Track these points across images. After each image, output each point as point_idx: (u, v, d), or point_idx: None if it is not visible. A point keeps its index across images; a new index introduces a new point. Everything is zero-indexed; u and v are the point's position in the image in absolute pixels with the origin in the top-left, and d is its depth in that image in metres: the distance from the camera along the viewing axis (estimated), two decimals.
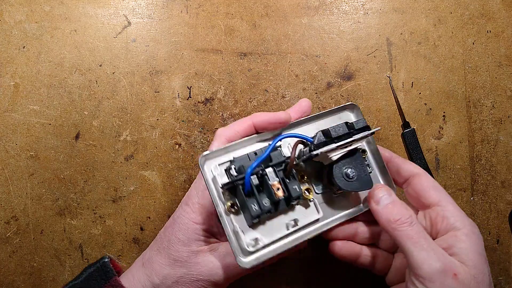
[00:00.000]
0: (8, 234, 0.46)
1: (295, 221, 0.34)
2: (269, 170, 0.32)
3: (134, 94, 0.46)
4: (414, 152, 0.44)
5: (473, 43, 0.46)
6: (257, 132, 0.37)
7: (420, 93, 0.45)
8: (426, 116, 0.45)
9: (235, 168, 0.33)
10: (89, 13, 0.47)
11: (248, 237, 0.33)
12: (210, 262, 0.34)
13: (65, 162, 0.46)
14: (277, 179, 0.32)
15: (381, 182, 0.39)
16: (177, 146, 0.46)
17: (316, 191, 0.37)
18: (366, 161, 0.39)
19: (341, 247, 0.39)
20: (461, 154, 0.45)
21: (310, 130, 0.37)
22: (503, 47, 0.45)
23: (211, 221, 0.36)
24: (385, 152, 0.39)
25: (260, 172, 0.32)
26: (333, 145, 0.33)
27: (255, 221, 0.33)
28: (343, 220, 0.37)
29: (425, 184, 0.35)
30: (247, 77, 0.46)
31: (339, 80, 0.46)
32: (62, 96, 0.46)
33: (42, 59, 0.47)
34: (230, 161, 0.34)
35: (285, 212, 0.35)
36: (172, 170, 0.46)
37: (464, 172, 0.45)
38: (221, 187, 0.33)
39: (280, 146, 0.34)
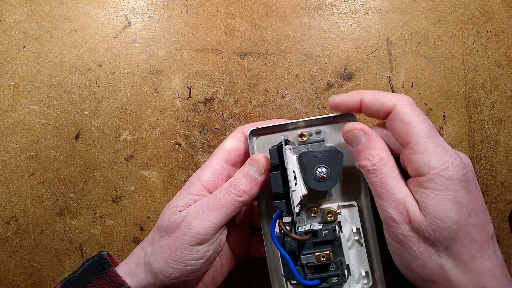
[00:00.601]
0: (8, 234, 0.46)
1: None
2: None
3: (134, 94, 0.46)
4: None
5: (473, 43, 0.46)
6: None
7: (420, 93, 0.45)
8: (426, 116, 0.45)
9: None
10: (89, 13, 0.47)
11: None
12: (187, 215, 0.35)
13: (65, 162, 0.46)
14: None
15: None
16: (177, 146, 0.46)
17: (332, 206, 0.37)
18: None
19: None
20: None
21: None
22: (503, 47, 0.45)
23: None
24: (354, 96, 0.35)
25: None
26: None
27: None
28: None
29: (395, 122, 0.32)
30: (247, 77, 0.46)
31: (339, 80, 0.46)
32: (62, 96, 0.46)
33: (42, 59, 0.47)
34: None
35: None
36: (172, 170, 0.46)
37: None
38: None
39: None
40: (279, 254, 0.35)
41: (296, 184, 0.34)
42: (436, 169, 0.31)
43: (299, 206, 0.35)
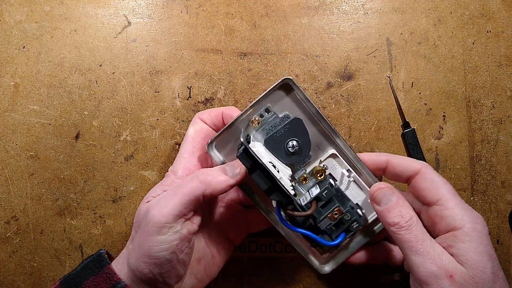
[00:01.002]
0: (8, 234, 0.46)
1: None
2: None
3: (134, 94, 0.46)
4: (414, 152, 0.44)
5: (473, 43, 0.46)
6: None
7: (420, 93, 0.45)
8: (426, 116, 0.45)
9: None
10: (89, 13, 0.47)
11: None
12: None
13: (65, 162, 0.46)
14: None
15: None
16: (177, 146, 0.46)
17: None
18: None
19: (354, 256, 0.40)
20: (461, 154, 0.45)
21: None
22: (503, 47, 0.45)
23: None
24: (381, 157, 0.38)
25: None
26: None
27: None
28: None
29: (424, 182, 0.35)
30: (247, 77, 0.46)
31: (339, 80, 0.46)
32: (62, 96, 0.46)
33: (42, 59, 0.47)
34: None
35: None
36: None
37: (464, 172, 0.45)
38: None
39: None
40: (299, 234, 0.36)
41: (278, 171, 0.34)
42: (469, 223, 0.33)
43: (291, 185, 0.35)
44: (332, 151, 0.38)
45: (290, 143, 0.36)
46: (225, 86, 0.46)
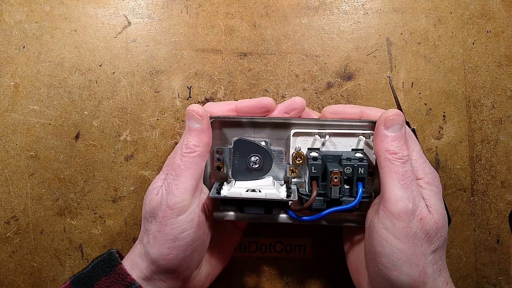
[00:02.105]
0: (8, 234, 0.46)
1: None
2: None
3: (134, 94, 0.46)
4: None
5: (473, 43, 0.46)
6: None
7: (420, 93, 0.45)
8: (426, 116, 0.45)
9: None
10: (89, 13, 0.47)
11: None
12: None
13: (65, 162, 0.46)
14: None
15: None
16: None
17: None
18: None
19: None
20: (461, 154, 0.45)
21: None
22: (503, 47, 0.45)
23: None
24: (355, 109, 0.38)
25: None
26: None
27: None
28: None
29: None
30: (247, 77, 0.46)
31: (339, 80, 0.46)
32: (62, 96, 0.46)
33: (42, 59, 0.47)
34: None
35: None
36: None
37: (464, 172, 0.45)
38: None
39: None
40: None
41: (260, 190, 0.36)
42: (430, 174, 0.35)
43: (288, 190, 0.37)
44: (292, 131, 0.38)
45: (251, 163, 0.37)
46: (225, 86, 0.46)
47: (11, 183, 0.46)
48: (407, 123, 0.45)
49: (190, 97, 0.46)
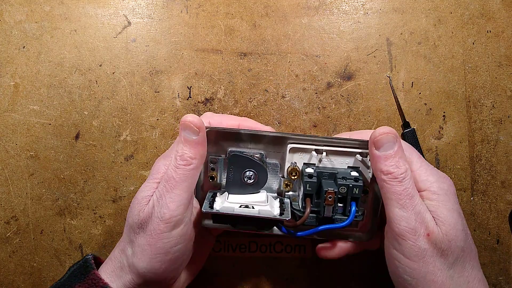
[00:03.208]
0: (8, 234, 0.46)
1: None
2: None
3: (134, 94, 0.46)
4: None
5: (473, 43, 0.46)
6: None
7: (420, 93, 0.45)
8: (426, 116, 0.45)
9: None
10: (89, 13, 0.47)
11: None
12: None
13: (65, 162, 0.46)
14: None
15: None
16: None
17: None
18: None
19: (326, 251, 0.39)
20: (461, 154, 0.45)
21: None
22: (503, 47, 0.45)
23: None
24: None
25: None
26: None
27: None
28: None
29: None
30: (247, 77, 0.46)
31: (339, 80, 0.46)
32: (62, 96, 0.46)
33: (42, 59, 0.47)
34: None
35: None
36: None
37: (464, 172, 0.45)
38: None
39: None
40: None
41: (253, 206, 0.35)
42: (435, 183, 0.33)
43: (281, 205, 0.36)
44: (289, 147, 0.38)
45: (246, 178, 0.37)
46: (225, 86, 0.46)
47: (11, 183, 0.46)
48: (407, 123, 0.45)
49: (190, 97, 0.46)
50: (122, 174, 0.46)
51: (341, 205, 0.36)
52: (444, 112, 0.45)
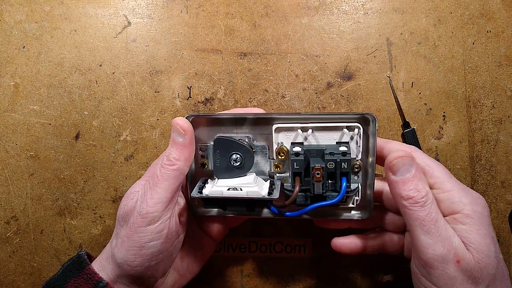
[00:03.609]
0: (8, 234, 0.46)
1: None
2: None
3: (134, 94, 0.46)
4: None
5: (473, 43, 0.46)
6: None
7: (420, 93, 0.45)
8: (426, 116, 0.45)
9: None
10: (89, 13, 0.47)
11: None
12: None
13: (65, 162, 0.46)
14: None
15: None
16: None
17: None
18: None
19: (341, 244, 0.39)
20: (461, 154, 0.45)
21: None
22: (503, 47, 0.45)
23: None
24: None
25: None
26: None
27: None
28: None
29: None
30: (247, 77, 0.46)
31: (339, 80, 0.46)
32: (62, 96, 0.46)
33: (42, 59, 0.47)
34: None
35: None
36: None
37: (464, 172, 0.45)
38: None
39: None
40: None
41: (241, 188, 0.35)
42: (469, 205, 0.31)
43: (271, 186, 0.36)
44: (274, 127, 0.37)
45: (232, 161, 0.37)
46: (225, 86, 0.46)
47: (11, 183, 0.46)
48: (407, 123, 0.45)
49: (190, 97, 0.46)
50: (122, 174, 0.46)
51: (331, 181, 0.35)
52: (444, 112, 0.45)
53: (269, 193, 0.35)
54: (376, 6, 0.46)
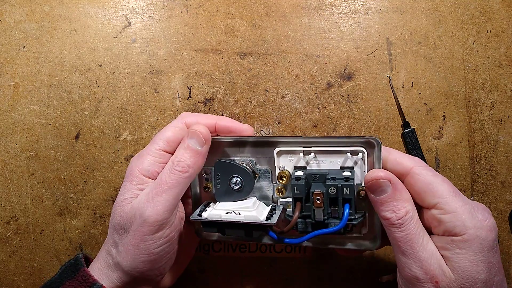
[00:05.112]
0: (8, 234, 0.46)
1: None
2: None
3: (134, 94, 0.46)
4: (414, 152, 0.44)
5: (473, 43, 0.46)
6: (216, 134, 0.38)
7: (420, 93, 0.45)
8: (426, 116, 0.45)
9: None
10: (89, 13, 0.47)
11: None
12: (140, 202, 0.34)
13: (65, 162, 0.46)
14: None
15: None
16: None
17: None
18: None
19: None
20: (461, 154, 0.45)
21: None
22: (503, 47, 0.45)
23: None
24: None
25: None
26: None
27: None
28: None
29: (417, 183, 0.32)
30: (247, 77, 0.46)
31: (339, 80, 0.46)
32: (62, 96, 0.46)
33: (42, 59, 0.47)
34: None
35: None
36: None
37: (464, 172, 0.45)
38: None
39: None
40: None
41: (239, 213, 0.35)
42: (472, 229, 0.30)
43: (271, 211, 0.35)
44: (275, 150, 0.36)
45: (232, 184, 0.37)
46: (225, 86, 0.46)
47: (11, 183, 0.46)
48: (407, 123, 0.45)
49: (190, 97, 0.46)
50: (122, 174, 0.46)
51: (334, 208, 0.34)
52: (444, 112, 0.45)
53: (268, 218, 0.34)
54: (376, 6, 0.46)
